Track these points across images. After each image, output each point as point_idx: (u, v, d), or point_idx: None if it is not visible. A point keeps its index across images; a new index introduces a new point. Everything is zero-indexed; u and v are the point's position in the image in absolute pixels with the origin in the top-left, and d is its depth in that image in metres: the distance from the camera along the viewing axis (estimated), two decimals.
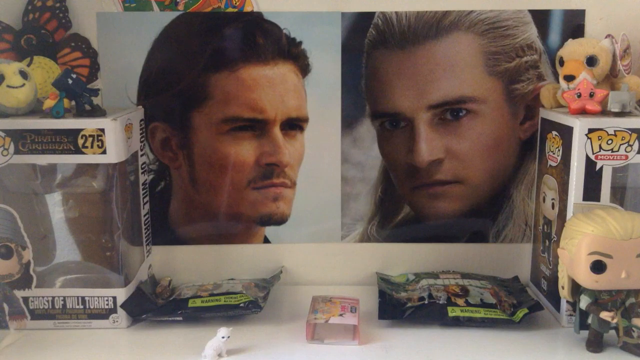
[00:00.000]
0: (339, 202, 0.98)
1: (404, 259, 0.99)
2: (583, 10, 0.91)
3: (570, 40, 0.88)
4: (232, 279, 0.96)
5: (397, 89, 0.93)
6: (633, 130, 0.77)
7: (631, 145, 0.78)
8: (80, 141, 0.79)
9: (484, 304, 0.85)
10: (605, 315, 0.73)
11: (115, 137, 0.79)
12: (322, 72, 0.93)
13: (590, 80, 0.82)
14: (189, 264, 0.98)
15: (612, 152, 0.78)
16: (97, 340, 0.81)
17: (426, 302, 0.85)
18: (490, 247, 0.98)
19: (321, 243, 0.99)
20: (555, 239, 0.85)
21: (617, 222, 0.71)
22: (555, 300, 0.85)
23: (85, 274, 0.85)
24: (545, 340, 0.80)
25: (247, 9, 0.92)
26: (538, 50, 0.92)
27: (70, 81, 0.81)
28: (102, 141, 0.79)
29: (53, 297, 0.84)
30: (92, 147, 0.79)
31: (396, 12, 0.91)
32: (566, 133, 0.81)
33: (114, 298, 0.84)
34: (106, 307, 0.84)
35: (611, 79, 0.86)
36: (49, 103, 0.80)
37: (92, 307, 0.84)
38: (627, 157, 0.78)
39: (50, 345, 0.80)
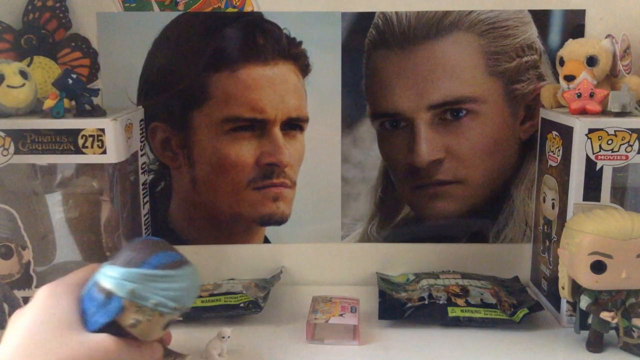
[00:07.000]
0: (339, 202, 0.97)
1: (404, 259, 0.99)
2: (583, 10, 0.91)
3: (570, 40, 0.88)
4: (232, 279, 0.95)
5: (397, 89, 0.93)
6: (633, 130, 0.77)
7: (631, 145, 0.78)
8: (81, 141, 0.79)
9: (484, 304, 0.85)
10: (605, 315, 0.73)
11: (115, 137, 0.79)
12: (322, 72, 0.93)
13: (591, 80, 0.82)
14: None
15: (613, 152, 0.78)
16: None
17: (426, 302, 0.85)
18: (490, 247, 0.98)
19: (321, 243, 0.99)
20: (555, 239, 0.85)
21: (617, 222, 0.71)
22: (555, 300, 0.85)
23: None
24: (545, 341, 0.80)
25: (247, 9, 0.92)
26: (538, 50, 0.92)
27: (70, 81, 0.81)
28: (102, 141, 0.79)
29: None
30: (92, 147, 0.79)
31: (396, 12, 0.91)
32: (566, 133, 0.81)
33: None
34: None
35: (611, 79, 0.86)
36: (49, 103, 0.80)
37: None
38: (627, 157, 0.78)
39: None
